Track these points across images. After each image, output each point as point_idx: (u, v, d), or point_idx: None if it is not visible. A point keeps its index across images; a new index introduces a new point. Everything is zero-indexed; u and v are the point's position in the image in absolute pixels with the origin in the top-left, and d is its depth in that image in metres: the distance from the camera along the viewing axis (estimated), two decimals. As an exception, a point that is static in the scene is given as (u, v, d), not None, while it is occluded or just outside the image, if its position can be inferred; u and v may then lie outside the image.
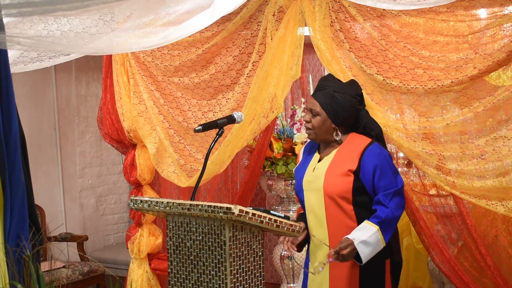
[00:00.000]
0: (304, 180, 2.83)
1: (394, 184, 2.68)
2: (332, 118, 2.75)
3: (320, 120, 2.76)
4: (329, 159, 2.79)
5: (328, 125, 2.76)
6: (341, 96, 2.74)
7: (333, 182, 2.71)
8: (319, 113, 2.76)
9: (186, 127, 3.71)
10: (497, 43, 2.75)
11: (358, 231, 2.62)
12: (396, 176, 2.71)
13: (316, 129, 2.77)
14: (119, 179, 5.86)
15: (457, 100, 2.87)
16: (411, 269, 4.33)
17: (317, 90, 2.80)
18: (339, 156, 2.76)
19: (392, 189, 2.66)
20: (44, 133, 5.28)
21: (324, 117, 2.75)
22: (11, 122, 2.59)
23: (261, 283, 2.51)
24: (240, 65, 3.49)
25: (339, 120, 2.75)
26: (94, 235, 5.64)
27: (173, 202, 2.54)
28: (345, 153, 2.76)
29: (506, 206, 2.76)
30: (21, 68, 3.23)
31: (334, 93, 2.74)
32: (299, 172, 2.90)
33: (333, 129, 2.77)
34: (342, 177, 2.70)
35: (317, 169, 2.80)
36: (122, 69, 3.86)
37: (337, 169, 2.73)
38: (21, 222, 2.61)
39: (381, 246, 2.63)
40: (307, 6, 3.14)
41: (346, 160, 2.73)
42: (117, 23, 2.91)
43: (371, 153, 2.69)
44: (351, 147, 2.76)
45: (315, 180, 2.78)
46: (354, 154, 2.72)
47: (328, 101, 2.73)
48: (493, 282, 2.97)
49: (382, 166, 2.67)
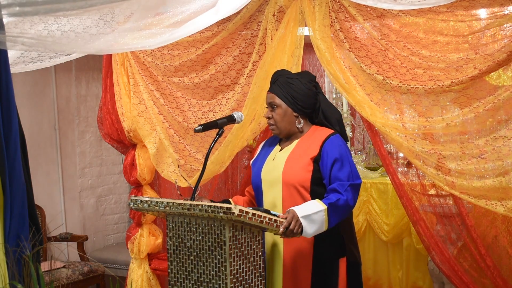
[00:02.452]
0: (263, 170, 2.84)
1: (351, 178, 2.68)
2: (292, 106, 2.77)
3: (281, 111, 2.78)
4: (290, 149, 2.81)
5: (290, 115, 2.79)
6: (295, 81, 2.78)
7: (292, 171, 2.72)
8: (278, 105, 2.78)
9: (186, 127, 3.71)
10: (497, 43, 2.75)
11: (305, 205, 2.59)
12: (353, 171, 2.71)
13: (278, 122, 2.79)
14: (119, 179, 5.86)
15: (457, 100, 2.87)
16: (411, 269, 4.33)
17: (271, 84, 2.83)
18: (301, 146, 2.79)
19: (349, 182, 2.66)
20: (44, 133, 5.28)
21: (284, 107, 2.78)
22: (11, 122, 2.59)
23: (261, 283, 2.52)
24: (240, 65, 3.49)
25: (299, 105, 2.77)
26: (94, 235, 5.64)
27: (173, 202, 2.54)
28: (306, 142, 2.78)
29: (505, 206, 2.75)
30: (21, 68, 3.23)
31: (288, 79, 2.78)
32: (256, 163, 2.91)
33: (295, 117, 2.80)
34: (302, 166, 2.72)
35: (277, 158, 2.82)
36: (122, 69, 3.86)
37: (297, 158, 2.75)
38: (21, 222, 2.61)
39: (323, 228, 2.60)
40: (307, 6, 3.14)
41: (307, 149, 2.75)
42: (117, 23, 2.90)
43: (333, 143, 2.72)
44: (313, 137, 2.78)
45: (274, 169, 2.79)
46: (316, 143, 2.74)
47: (284, 90, 2.77)
48: (493, 283, 2.97)
49: (342, 159, 2.69)
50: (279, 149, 2.86)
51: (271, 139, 3.00)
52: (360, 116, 3.24)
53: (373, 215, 4.42)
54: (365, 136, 5.54)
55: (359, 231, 4.46)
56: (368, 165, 4.99)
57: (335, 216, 2.62)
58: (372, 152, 5.10)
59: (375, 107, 3.02)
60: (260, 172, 2.85)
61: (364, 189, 4.50)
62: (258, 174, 2.85)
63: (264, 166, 2.85)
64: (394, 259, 4.43)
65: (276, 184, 2.75)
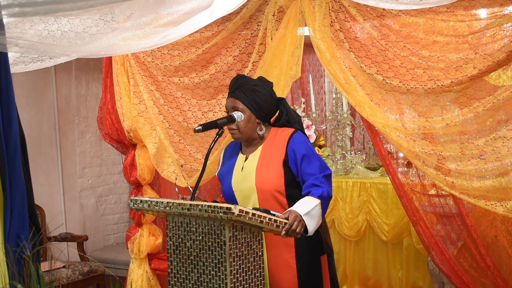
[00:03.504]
0: (233, 181, 2.83)
1: (321, 170, 2.70)
2: (256, 112, 2.77)
3: (245, 118, 2.77)
4: (256, 156, 2.80)
5: (253, 121, 2.79)
6: (261, 88, 2.78)
7: (265, 178, 2.73)
8: (242, 111, 2.77)
9: (186, 127, 3.71)
10: (497, 43, 2.75)
11: (301, 203, 2.60)
12: (322, 163, 2.73)
13: (241, 128, 2.78)
14: (119, 179, 5.86)
15: (456, 100, 2.87)
16: (411, 269, 4.33)
17: (234, 90, 2.80)
18: (266, 151, 2.79)
19: (321, 174, 2.69)
20: (44, 133, 5.28)
21: (248, 114, 2.77)
22: (11, 122, 2.59)
23: (261, 283, 2.52)
24: (240, 65, 3.50)
25: (263, 113, 2.78)
26: (94, 235, 5.64)
27: (173, 202, 2.54)
28: (271, 147, 2.78)
29: (505, 206, 2.75)
30: (21, 68, 3.22)
31: (254, 86, 2.77)
32: (224, 175, 2.90)
33: (258, 124, 2.80)
34: (273, 171, 2.72)
35: (245, 167, 2.81)
36: (122, 69, 3.86)
37: (267, 164, 2.75)
38: (21, 222, 2.61)
39: (320, 222, 2.62)
40: (307, 6, 3.14)
41: (273, 153, 2.76)
42: (117, 23, 2.90)
43: (296, 141, 2.73)
44: (275, 140, 2.79)
45: (245, 178, 2.78)
46: (280, 145, 2.75)
47: (249, 96, 2.76)
48: (493, 283, 2.97)
49: (309, 154, 2.71)
50: (244, 158, 2.85)
51: (230, 148, 2.99)
52: (360, 116, 3.24)
53: (373, 215, 4.42)
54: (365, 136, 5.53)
55: (359, 231, 4.46)
56: (368, 165, 4.98)
57: (324, 209, 2.66)
58: (372, 152, 5.09)
59: (375, 107, 3.02)
60: (231, 184, 2.84)
61: (364, 189, 4.50)
62: (229, 186, 2.84)
63: (234, 178, 2.84)
64: (394, 259, 4.42)
65: (251, 194, 2.76)
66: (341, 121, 5.34)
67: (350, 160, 4.94)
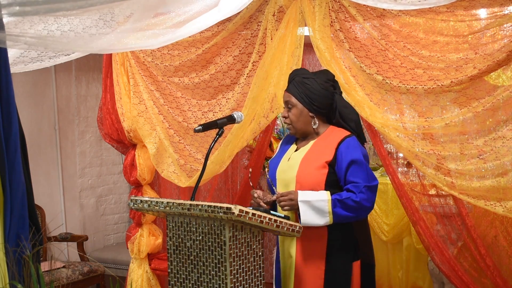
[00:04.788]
0: (278, 169, 2.82)
1: (366, 180, 2.65)
2: (307, 106, 2.75)
3: (297, 111, 2.76)
4: (305, 150, 2.79)
5: (306, 115, 2.76)
6: (311, 81, 2.74)
7: (307, 173, 2.70)
8: (294, 104, 2.76)
9: (186, 127, 3.71)
10: (497, 43, 2.75)
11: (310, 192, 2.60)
12: (369, 173, 2.68)
13: (294, 122, 2.78)
14: (119, 179, 5.86)
15: (456, 100, 2.87)
16: (411, 269, 4.33)
17: (288, 84, 2.81)
18: (316, 147, 2.76)
19: (365, 183, 2.63)
20: (44, 133, 5.28)
21: (300, 107, 2.76)
22: (11, 122, 2.59)
23: (261, 283, 2.52)
24: (240, 65, 3.49)
25: (315, 106, 2.75)
26: (94, 235, 5.64)
27: (173, 202, 2.54)
28: (322, 144, 2.76)
29: (505, 206, 2.75)
30: (21, 68, 3.23)
31: (303, 79, 2.75)
32: (274, 162, 2.89)
33: (311, 117, 2.78)
34: (316, 169, 2.69)
35: (292, 158, 2.80)
36: (122, 69, 3.86)
37: (312, 160, 2.72)
38: (21, 222, 2.61)
39: (326, 220, 2.59)
40: (307, 6, 3.14)
41: (322, 152, 2.72)
42: (117, 23, 2.90)
43: (348, 146, 2.68)
44: (328, 139, 2.75)
45: (289, 169, 2.77)
46: (331, 145, 2.72)
47: (299, 89, 2.74)
48: (493, 283, 2.97)
49: (357, 162, 2.65)
50: (295, 149, 2.84)
51: (288, 137, 2.97)
52: (360, 116, 3.24)
53: (373, 215, 4.42)
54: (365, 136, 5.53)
55: (359, 231, 4.47)
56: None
57: (343, 212, 2.60)
58: (372, 152, 5.10)
59: (374, 107, 3.02)
60: (275, 171, 2.83)
61: (364, 189, 4.50)
62: (274, 173, 2.84)
63: (280, 166, 2.83)
64: (394, 259, 4.43)
65: (290, 184, 2.73)
66: (341, 121, 5.33)
67: (350, 160, 4.93)
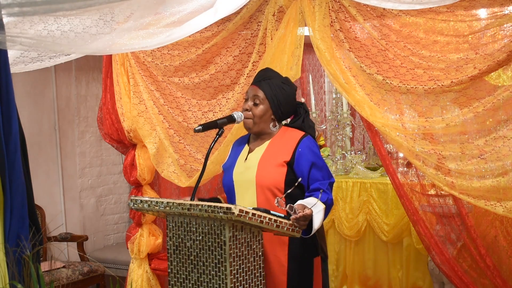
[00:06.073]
0: (234, 172, 2.83)
1: (327, 177, 2.73)
2: (274, 108, 2.79)
3: (262, 109, 2.79)
4: (261, 150, 2.81)
5: (268, 116, 2.80)
6: (287, 88, 2.81)
7: (266, 173, 2.72)
8: (262, 102, 2.78)
9: (186, 127, 3.71)
10: (497, 43, 2.75)
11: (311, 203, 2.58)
12: (328, 171, 2.77)
13: (256, 118, 2.79)
14: (119, 179, 5.86)
15: (456, 100, 2.87)
16: (411, 269, 4.33)
17: (261, 80, 2.81)
18: (273, 147, 2.79)
19: (327, 181, 2.72)
20: (44, 133, 5.28)
21: (266, 106, 2.79)
22: (11, 122, 2.59)
23: (261, 283, 2.52)
24: (240, 65, 3.50)
25: (280, 111, 2.80)
26: (94, 235, 5.64)
27: (173, 202, 2.54)
28: (278, 144, 2.79)
29: (505, 206, 2.75)
30: (21, 68, 3.22)
31: (282, 84, 2.80)
32: (227, 166, 2.91)
33: (272, 120, 2.82)
34: (275, 168, 2.72)
35: (249, 160, 2.81)
36: (122, 69, 3.86)
37: (270, 160, 2.75)
38: (21, 222, 2.61)
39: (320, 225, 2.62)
40: (307, 6, 3.14)
41: (280, 151, 2.76)
42: (117, 23, 2.90)
43: (306, 147, 2.73)
44: (284, 139, 2.79)
45: (246, 171, 2.78)
46: (288, 145, 2.75)
47: (274, 92, 2.77)
48: (493, 283, 2.97)
49: (318, 162, 2.72)
50: (248, 150, 2.86)
51: (239, 140, 3.02)
52: (360, 116, 3.24)
53: (373, 215, 4.42)
54: (365, 136, 5.53)
55: (359, 231, 4.47)
56: (368, 165, 4.99)
57: (325, 215, 2.66)
58: (372, 152, 5.10)
59: (374, 107, 3.01)
60: (232, 175, 2.84)
61: (364, 189, 4.50)
62: (230, 176, 2.85)
63: (236, 168, 2.84)
64: (394, 259, 4.42)
65: (249, 186, 2.75)
66: (341, 121, 5.35)
67: (350, 160, 4.94)
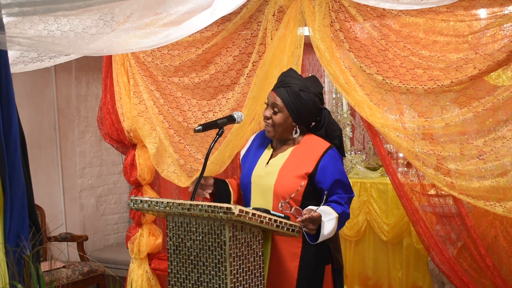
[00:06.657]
0: (254, 174, 2.79)
1: (348, 191, 2.72)
2: (294, 116, 2.72)
3: (282, 117, 2.72)
4: (283, 157, 2.76)
5: (289, 123, 2.74)
6: (306, 95, 2.71)
7: (285, 182, 2.69)
8: (281, 110, 2.72)
9: (186, 127, 3.71)
10: (497, 43, 2.75)
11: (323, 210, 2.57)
12: (349, 185, 2.74)
13: (276, 126, 2.74)
14: (119, 179, 5.86)
15: (456, 100, 2.87)
16: (411, 269, 4.33)
17: (280, 86, 2.75)
18: (295, 156, 2.74)
19: (347, 195, 2.70)
20: (44, 133, 5.28)
21: (286, 114, 2.72)
22: (11, 122, 2.59)
23: (261, 283, 2.51)
24: (240, 65, 3.50)
25: (301, 118, 2.74)
26: (94, 235, 5.64)
27: (173, 202, 2.54)
28: (301, 154, 2.73)
29: (504, 206, 2.75)
30: (21, 68, 3.22)
31: (300, 91, 2.71)
32: (247, 161, 2.86)
33: (293, 126, 2.76)
34: (295, 179, 2.68)
35: (270, 165, 2.77)
36: (122, 69, 3.86)
37: (292, 169, 2.70)
38: (21, 222, 2.61)
39: (331, 234, 2.60)
40: (307, 6, 3.14)
41: (302, 162, 2.70)
42: (117, 23, 2.90)
43: (330, 161, 2.68)
44: (308, 149, 2.73)
45: (266, 176, 2.75)
46: (312, 157, 2.70)
47: (292, 99, 2.70)
48: (493, 283, 2.97)
49: (341, 178, 2.69)
50: (270, 153, 2.82)
51: (261, 136, 2.93)
52: (360, 116, 3.24)
53: (373, 215, 4.43)
54: (365, 136, 5.54)
55: (359, 231, 4.47)
56: (368, 165, 4.99)
57: (339, 226, 2.65)
58: (372, 152, 5.11)
59: (374, 107, 3.01)
60: (251, 174, 2.80)
61: (364, 189, 4.51)
62: (249, 175, 2.81)
63: (256, 169, 2.80)
64: (394, 259, 4.43)
65: (267, 193, 2.72)
66: (341, 121, 5.35)
67: (350, 160, 4.94)
